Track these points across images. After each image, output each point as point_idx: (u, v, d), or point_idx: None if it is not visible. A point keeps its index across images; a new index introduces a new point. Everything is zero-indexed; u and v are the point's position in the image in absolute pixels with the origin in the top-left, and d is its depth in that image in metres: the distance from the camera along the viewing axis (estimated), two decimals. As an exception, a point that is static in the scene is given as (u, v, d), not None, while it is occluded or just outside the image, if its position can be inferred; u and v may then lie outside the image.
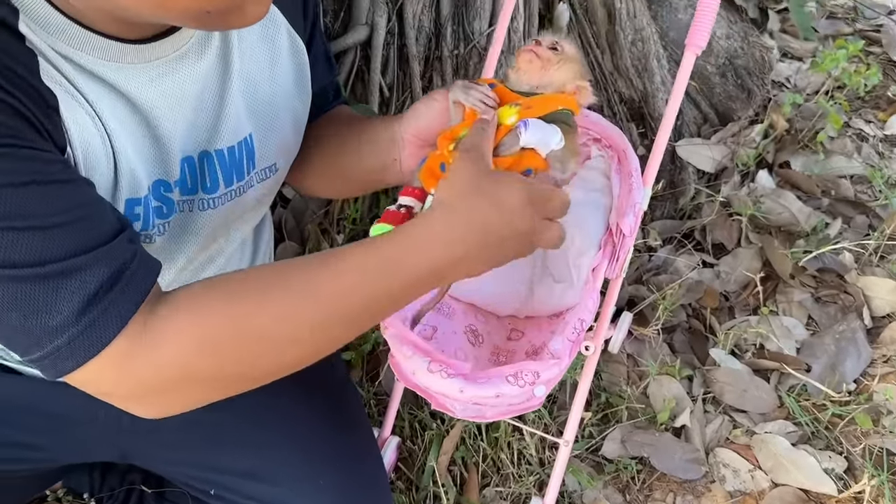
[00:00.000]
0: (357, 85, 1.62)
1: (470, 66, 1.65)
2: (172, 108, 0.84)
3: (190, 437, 1.04)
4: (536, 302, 1.21)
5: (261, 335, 0.70)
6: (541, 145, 0.82)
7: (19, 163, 0.66)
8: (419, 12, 1.59)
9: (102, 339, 0.66)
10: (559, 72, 0.87)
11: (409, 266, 0.74)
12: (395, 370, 1.03)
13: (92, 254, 0.67)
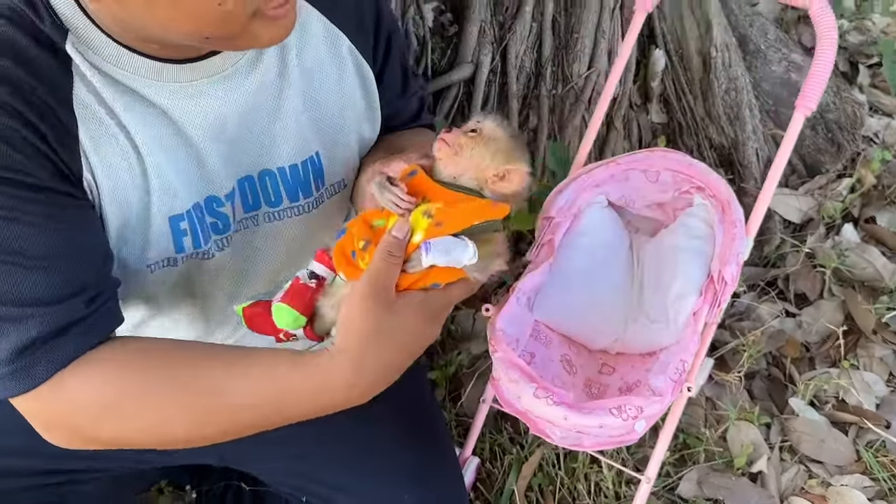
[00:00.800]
0: (457, 118, 1.70)
1: (566, 106, 1.71)
2: (216, 127, 0.87)
3: (286, 448, 1.09)
4: (629, 339, 1.25)
5: (154, 425, 0.79)
6: (450, 263, 0.77)
7: (9, 196, 0.73)
8: (522, 53, 1.67)
9: (25, 386, 0.75)
10: (473, 158, 0.79)
11: (307, 403, 0.80)
12: (497, 391, 1.08)
13: (40, 308, 0.74)
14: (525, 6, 1.63)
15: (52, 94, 0.76)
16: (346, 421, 1.08)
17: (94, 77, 0.79)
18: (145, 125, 0.82)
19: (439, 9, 1.66)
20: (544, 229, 1.18)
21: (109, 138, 0.80)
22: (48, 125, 0.75)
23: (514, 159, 0.81)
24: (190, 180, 0.87)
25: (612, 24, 1.70)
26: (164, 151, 0.84)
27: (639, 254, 1.28)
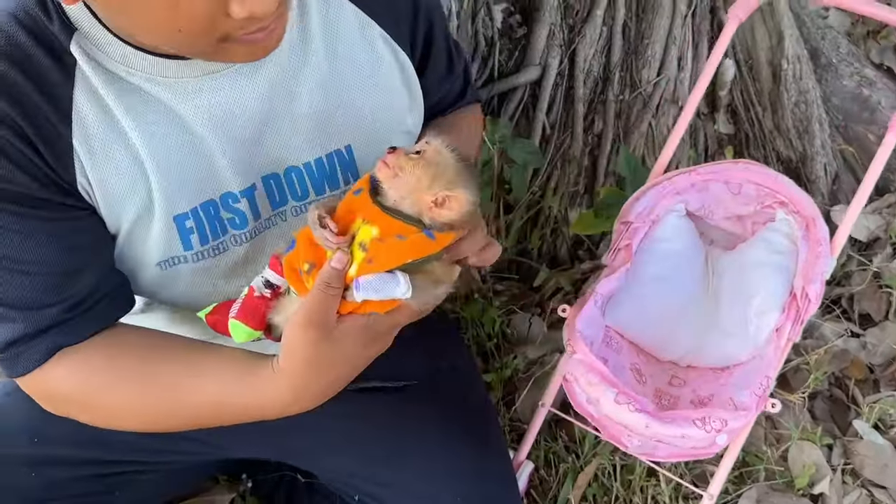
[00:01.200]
0: (521, 121, 1.68)
1: (633, 112, 1.69)
2: (226, 123, 0.84)
3: (343, 446, 1.09)
4: (702, 352, 1.22)
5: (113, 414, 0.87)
6: (382, 299, 0.75)
7: (1, 210, 0.76)
8: (590, 57, 1.65)
9: (13, 373, 0.84)
10: (411, 182, 0.74)
11: (241, 413, 0.83)
12: (570, 394, 1.07)
13: (20, 312, 0.81)
14: (596, 10, 1.61)
15: (48, 100, 0.76)
16: (404, 423, 1.08)
17: (97, 78, 0.79)
18: (149, 125, 0.81)
19: (508, 10, 1.65)
20: (622, 234, 1.16)
21: (108, 143, 0.80)
22: (41, 134, 0.76)
23: (455, 185, 0.74)
24: (198, 178, 0.85)
25: (684, 30, 1.67)
26: (168, 151, 0.82)
27: (714, 266, 1.26)
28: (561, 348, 1.61)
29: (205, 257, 0.89)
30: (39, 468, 0.97)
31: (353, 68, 0.91)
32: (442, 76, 1.04)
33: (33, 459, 0.97)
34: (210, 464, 1.26)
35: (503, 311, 1.63)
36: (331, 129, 0.90)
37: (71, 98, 0.78)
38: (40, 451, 0.98)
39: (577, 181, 1.72)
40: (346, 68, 0.90)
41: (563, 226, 1.72)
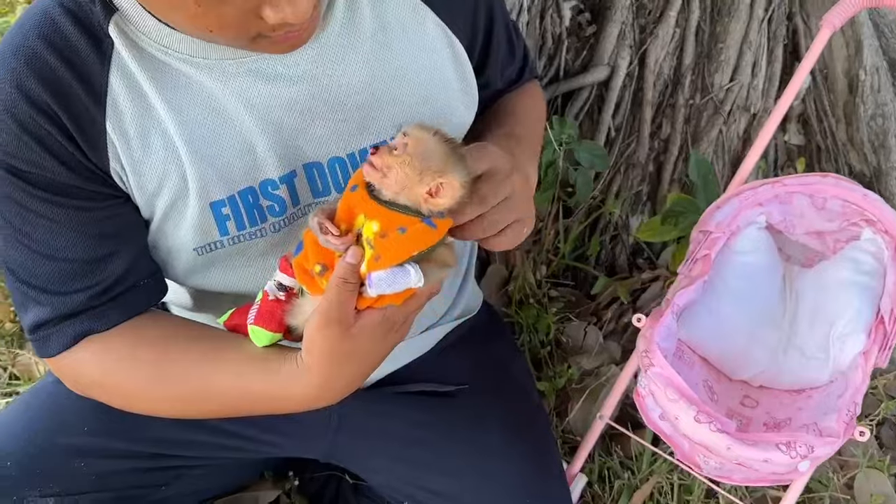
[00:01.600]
0: (586, 122, 1.63)
1: (703, 117, 1.62)
2: (268, 108, 0.82)
3: (392, 451, 1.06)
4: (777, 373, 1.16)
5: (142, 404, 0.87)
6: (396, 291, 0.75)
7: (28, 192, 0.77)
8: (661, 59, 1.59)
9: (45, 353, 0.84)
10: (401, 179, 0.72)
11: (265, 406, 0.83)
12: (642, 408, 1.02)
13: (49, 296, 0.81)
14: (669, 11, 1.56)
15: (83, 85, 0.75)
16: (454, 428, 1.05)
17: (134, 62, 0.77)
18: (185, 110, 0.79)
19: (578, 8, 1.60)
20: (700, 243, 1.10)
21: (143, 127, 0.79)
22: (75, 120, 0.76)
23: (444, 171, 0.73)
24: (236, 165, 0.83)
25: (760, 35, 1.61)
26: (204, 136, 0.80)
27: (793, 283, 1.20)
28: (616, 360, 1.56)
29: (241, 241, 0.87)
30: (88, 459, 0.95)
31: (402, 56, 0.87)
32: (503, 65, 1.02)
33: (83, 450, 0.95)
34: (258, 461, 1.24)
35: (558, 317, 1.58)
36: (376, 118, 0.87)
37: (106, 82, 0.76)
38: (90, 441, 0.96)
39: (640, 187, 1.67)
40: (394, 56, 0.87)
41: (623, 232, 1.66)
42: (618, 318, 1.60)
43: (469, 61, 0.93)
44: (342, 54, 0.84)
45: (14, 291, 0.83)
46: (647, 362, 0.96)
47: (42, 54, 0.74)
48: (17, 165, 0.76)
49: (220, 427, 1.03)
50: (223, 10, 0.66)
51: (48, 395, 0.99)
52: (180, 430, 1.01)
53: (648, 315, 1.06)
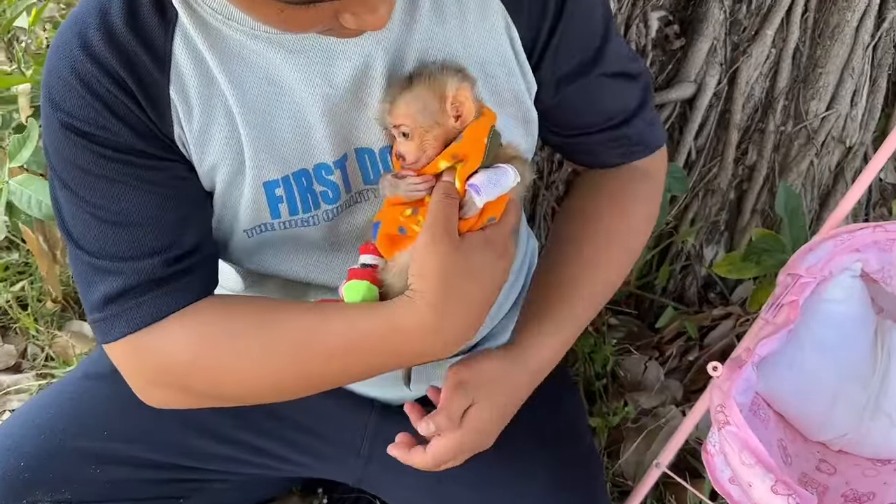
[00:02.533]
0: (667, 142, 1.52)
1: (794, 146, 1.50)
2: (328, 90, 0.79)
3: (421, 483, 0.99)
4: (861, 438, 1.04)
5: (242, 374, 0.78)
6: (501, 193, 0.78)
7: (97, 154, 0.74)
8: (753, 80, 1.47)
9: (112, 335, 0.78)
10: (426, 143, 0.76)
11: (387, 348, 0.76)
12: (709, 466, 0.92)
13: (123, 263, 0.76)
14: (766, 29, 1.44)
15: (148, 52, 0.75)
16: (493, 468, 0.96)
17: (198, 35, 0.76)
18: (246, 83, 0.77)
19: (667, 19, 1.49)
20: (788, 288, 0.98)
21: (204, 97, 0.77)
22: (142, 85, 0.75)
23: (443, 89, 0.76)
24: (292, 145, 0.81)
25: (864, 63, 1.47)
26: (262, 112, 0.78)
27: (885, 339, 1.07)
28: (677, 400, 1.45)
29: (292, 227, 0.83)
30: (105, 465, 0.91)
31: (458, 37, 0.82)
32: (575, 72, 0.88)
33: (100, 455, 0.91)
34: (283, 480, 1.19)
35: (617, 349, 1.48)
36: None
37: (170, 50, 0.75)
38: (109, 446, 0.92)
39: (719, 215, 1.55)
40: (449, 35, 0.81)
41: (695, 263, 1.55)
42: (682, 354, 1.49)
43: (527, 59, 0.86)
44: (403, 34, 0.80)
45: (79, 267, 0.79)
46: (721, 419, 0.86)
47: (109, 19, 0.74)
48: (83, 128, 0.74)
49: (247, 442, 0.98)
50: (305, 15, 0.65)
51: (72, 394, 0.96)
52: (205, 441, 0.96)
53: (724, 363, 0.96)
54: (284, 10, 0.63)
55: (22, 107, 1.36)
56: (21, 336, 1.54)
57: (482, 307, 0.77)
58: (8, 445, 0.90)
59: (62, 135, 0.75)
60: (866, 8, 1.42)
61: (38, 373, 1.47)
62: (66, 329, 1.53)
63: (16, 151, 1.26)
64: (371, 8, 0.65)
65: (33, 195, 1.24)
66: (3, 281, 1.60)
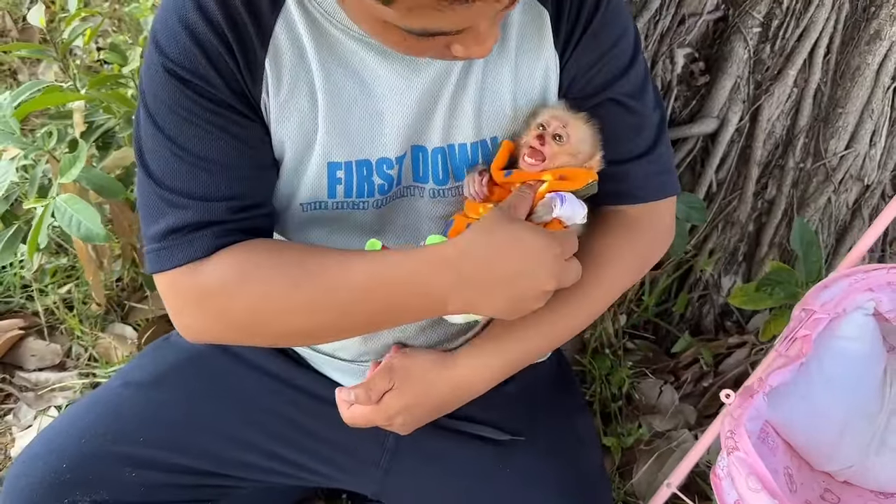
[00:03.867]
0: (687, 173, 1.57)
1: (812, 183, 1.55)
2: (405, 89, 0.86)
3: (438, 495, 1.03)
4: (866, 471, 1.08)
5: (275, 305, 0.82)
6: (569, 218, 0.85)
7: (191, 100, 0.81)
8: (775, 117, 1.52)
9: (169, 264, 0.83)
10: (562, 161, 0.87)
11: (411, 288, 0.79)
12: (717, 490, 0.96)
13: (194, 201, 0.82)
14: (789, 69, 1.49)
15: (254, 22, 0.81)
16: (506, 485, 1.00)
17: (302, 23, 0.83)
18: (334, 73, 0.85)
19: (692, 56, 1.55)
20: (801, 322, 1.03)
21: (294, 75, 0.84)
22: (243, 48, 0.81)
23: (594, 153, 0.89)
24: (362, 136, 0.88)
25: (883, 104, 1.52)
26: (343, 101, 0.86)
27: (894, 377, 1.11)
28: (690, 424, 1.50)
29: (344, 208, 0.90)
30: (140, 469, 0.96)
31: (511, 74, 0.90)
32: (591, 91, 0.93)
33: (136, 459, 0.96)
34: (307, 489, 1.23)
35: (633, 372, 1.53)
36: (484, 117, 0.91)
37: (272, 28, 0.83)
38: (145, 452, 0.97)
39: (737, 247, 1.60)
40: (505, 71, 0.90)
41: (713, 292, 1.60)
42: (697, 380, 1.53)
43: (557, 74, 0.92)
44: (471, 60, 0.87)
45: (148, 198, 0.84)
46: (731, 444, 0.91)
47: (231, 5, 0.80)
48: (184, 75, 0.81)
49: (274, 452, 1.03)
50: (423, 44, 0.72)
51: (112, 399, 1.01)
52: (235, 450, 1.01)
53: (737, 391, 1.01)
54: (407, 38, 0.71)
55: (76, 122, 1.43)
56: (66, 336, 1.62)
57: (512, 286, 0.77)
58: (51, 448, 0.96)
59: (163, 77, 0.81)
60: (887, 52, 1.47)
61: (82, 372, 1.54)
62: (109, 331, 1.60)
63: (66, 168, 1.30)
64: (481, 41, 0.73)
65: (75, 215, 1.27)
66: (52, 283, 1.67)
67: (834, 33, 1.47)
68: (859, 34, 1.47)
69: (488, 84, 0.90)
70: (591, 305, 0.95)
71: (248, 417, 1.05)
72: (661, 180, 0.97)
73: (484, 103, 0.90)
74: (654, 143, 0.95)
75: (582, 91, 0.93)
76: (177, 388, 1.05)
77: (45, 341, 1.59)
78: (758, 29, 1.47)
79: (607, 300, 0.98)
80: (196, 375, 1.08)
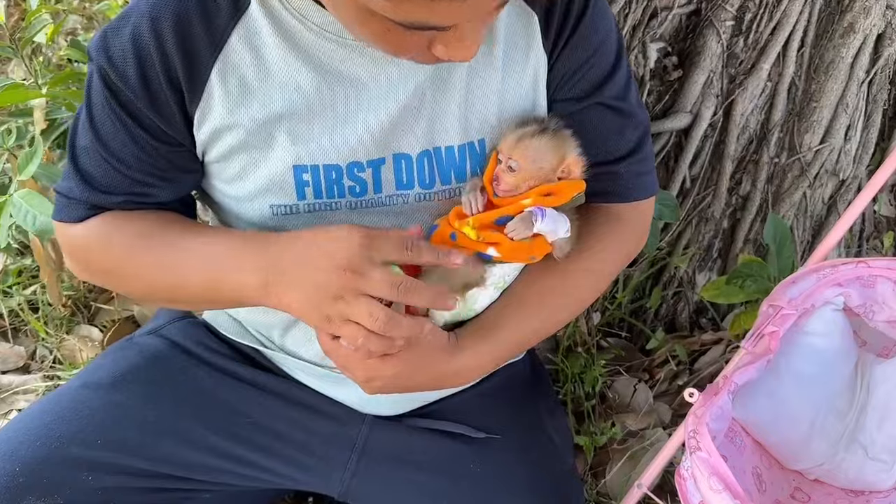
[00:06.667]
0: (660, 169, 1.55)
1: (787, 178, 1.53)
2: (379, 92, 0.84)
3: (406, 496, 1.01)
4: (835, 469, 1.07)
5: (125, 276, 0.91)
6: (552, 233, 0.83)
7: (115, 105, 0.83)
8: (748, 112, 1.50)
9: (55, 216, 0.92)
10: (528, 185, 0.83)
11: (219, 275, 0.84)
12: (681, 490, 0.94)
13: (93, 189, 0.88)
14: (762, 63, 1.47)
15: (208, 34, 0.80)
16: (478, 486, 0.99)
17: (267, 22, 0.81)
18: (300, 81, 0.83)
19: (665, 50, 1.53)
20: (769, 318, 1.02)
21: (245, 86, 0.83)
22: (187, 63, 0.81)
23: (563, 158, 0.84)
24: (330, 140, 0.85)
25: (858, 98, 1.51)
26: (310, 105, 0.84)
27: (865, 373, 1.10)
28: (665, 423, 1.48)
29: (318, 210, 0.88)
30: (97, 473, 0.93)
31: (498, 85, 0.88)
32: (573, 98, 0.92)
33: (93, 463, 0.93)
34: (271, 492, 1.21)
35: (607, 370, 1.51)
36: (470, 119, 0.88)
37: (227, 38, 0.81)
38: (102, 455, 0.94)
39: (712, 243, 1.58)
40: (493, 82, 0.88)
41: (687, 289, 1.58)
42: (672, 378, 1.51)
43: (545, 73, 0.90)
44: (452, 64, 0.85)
45: (69, 157, 0.90)
46: (693, 444, 0.89)
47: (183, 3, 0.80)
48: (113, 81, 0.82)
49: (237, 455, 1.01)
50: (405, 39, 0.69)
51: (70, 401, 0.98)
52: (196, 453, 0.99)
53: (702, 390, 0.99)
54: (390, 31, 0.68)
55: (37, 120, 1.40)
56: (31, 338, 1.59)
57: (310, 301, 0.78)
58: (5, 451, 0.92)
59: (96, 75, 0.83)
60: (861, 45, 1.45)
61: (46, 374, 1.51)
62: (75, 333, 1.57)
63: (24, 165, 1.30)
64: (465, 43, 0.70)
65: (31, 210, 1.29)
66: (16, 285, 1.64)
67: (808, 26, 1.46)
68: (833, 27, 1.46)
69: (474, 87, 0.88)
70: (581, 293, 0.96)
71: (209, 420, 1.02)
72: (646, 180, 0.99)
73: (470, 106, 0.88)
74: (640, 143, 0.96)
75: (570, 93, 0.92)
76: (137, 389, 1.03)
77: (9, 343, 1.56)
78: (731, 22, 1.46)
79: (597, 289, 0.99)
80: (157, 377, 1.05)
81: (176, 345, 1.07)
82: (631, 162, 0.96)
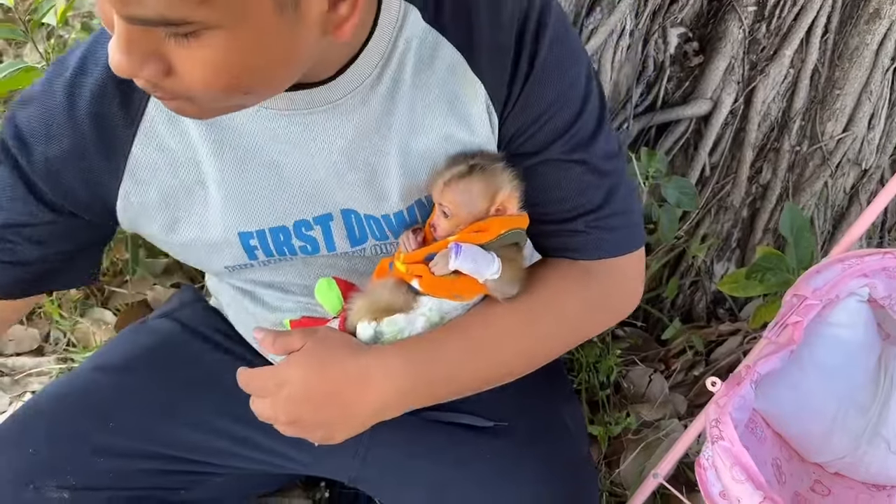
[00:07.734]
0: (679, 157, 1.53)
1: (809, 166, 1.51)
2: (310, 156, 0.80)
3: (416, 489, 1.00)
4: (857, 462, 1.05)
5: None
6: (473, 272, 0.78)
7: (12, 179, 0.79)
8: (770, 99, 1.48)
9: None
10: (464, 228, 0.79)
11: None
12: (700, 480, 0.93)
13: None
14: (785, 49, 1.45)
15: (125, 114, 0.77)
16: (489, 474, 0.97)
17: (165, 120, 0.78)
18: (226, 147, 0.79)
19: (686, 35, 1.50)
20: (793, 308, 1.00)
21: (170, 157, 0.79)
22: (104, 149, 0.77)
23: (495, 195, 0.79)
24: (271, 205, 0.82)
25: (882, 86, 1.48)
26: (242, 177, 0.80)
27: (889, 365, 1.08)
28: (680, 414, 1.46)
29: (271, 264, 0.87)
30: (109, 456, 0.93)
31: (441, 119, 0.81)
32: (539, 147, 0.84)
33: (105, 446, 0.93)
34: (282, 476, 1.21)
35: (622, 360, 1.49)
36: (411, 185, 0.83)
37: (141, 118, 0.78)
38: (113, 439, 0.94)
39: (731, 233, 1.56)
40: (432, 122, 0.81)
41: (705, 279, 1.56)
42: (688, 368, 1.50)
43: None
44: (382, 118, 0.80)
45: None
46: (716, 433, 0.87)
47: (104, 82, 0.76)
48: (15, 153, 0.78)
49: (248, 438, 1.00)
50: None
51: (82, 384, 0.98)
52: (207, 436, 0.99)
53: (724, 379, 0.97)
54: None
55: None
56: (45, 321, 1.59)
57: None
58: (19, 432, 0.93)
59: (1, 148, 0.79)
60: (887, 31, 1.43)
61: (59, 357, 1.51)
62: (88, 316, 1.57)
63: None
64: (114, 43, 0.60)
65: None
66: (29, 267, 1.64)
67: (832, 12, 1.43)
68: (858, 13, 1.43)
69: (412, 150, 0.82)
70: (520, 344, 0.87)
71: (221, 403, 1.02)
72: (616, 237, 0.88)
73: (409, 172, 0.83)
74: (607, 198, 0.86)
75: (519, 149, 0.84)
76: (148, 373, 1.03)
77: (24, 326, 1.56)
78: (753, 7, 1.43)
79: (563, 340, 0.91)
80: (169, 360, 1.05)
81: (188, 328, 1.07)
82: (596, 218, 0.86)
